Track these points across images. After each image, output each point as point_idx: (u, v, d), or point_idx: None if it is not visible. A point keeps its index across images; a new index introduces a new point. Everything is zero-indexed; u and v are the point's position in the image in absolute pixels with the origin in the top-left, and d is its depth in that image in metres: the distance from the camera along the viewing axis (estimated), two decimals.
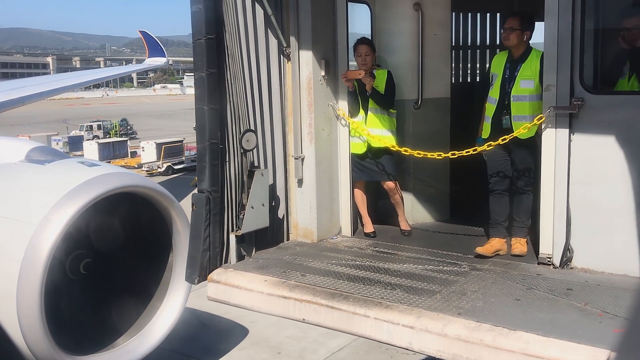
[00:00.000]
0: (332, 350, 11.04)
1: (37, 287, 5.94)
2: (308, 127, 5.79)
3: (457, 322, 4.01)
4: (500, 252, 5.42)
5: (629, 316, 1.07)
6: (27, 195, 6.69)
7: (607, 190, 4.71)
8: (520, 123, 5.21)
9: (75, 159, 8.70)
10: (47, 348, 6.14)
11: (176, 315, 7.33)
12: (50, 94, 21.17)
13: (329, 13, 5.81)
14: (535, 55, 5.30)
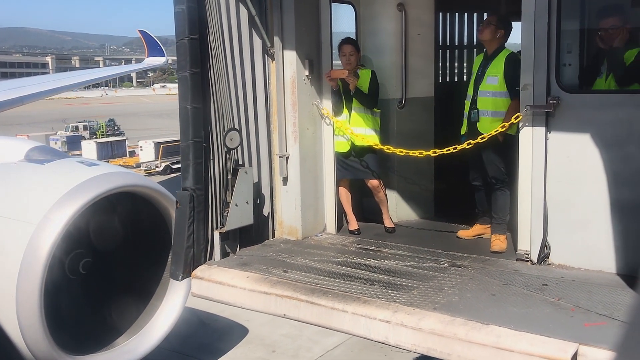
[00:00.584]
0: (327, 348, 11.10)
1: (37, 287, 5.95)
2: (292, 126, 5.87)
3: (431, 317, 4.09)
4: (484, 236, 5.62)
5: (629, 316, 1.11)
6: (27, 195, 6.69)
7: (583, 188, 4.79)
8: (485, 118, 5.41)
9: (74, 158, 8.70)
10: (46, 348, 6.15)
11: (176, 314, 7.34)
12: (49, 93, 21.18)
13: (313, 13, 5.90)
14: (504, 54, 5.49)
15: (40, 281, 5.95)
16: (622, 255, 4.68)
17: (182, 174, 5.18)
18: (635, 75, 5.01)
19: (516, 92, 5.26)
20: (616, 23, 5.09)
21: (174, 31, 5.08)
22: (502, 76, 5.49)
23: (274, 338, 11.30)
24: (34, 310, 5.98)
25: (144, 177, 8.74)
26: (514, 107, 5.29)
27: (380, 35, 6.60)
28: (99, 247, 6.82)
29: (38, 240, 6.02)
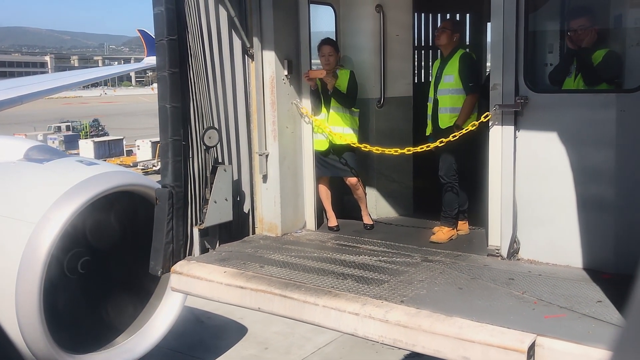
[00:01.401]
0: (319, 345, 11.24)
1: (36, 286, 6.00)
2: (272, 124, 6.00)
3: (398, 309, 4.21)
4: (452, 237, 5.82)
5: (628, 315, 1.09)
6: (26, 194, 6.73)
7: (551, 185, 4.92)
8: (443, 115, 5.63)
9: (73, 157, 8.75)
10: (46, 347, 6.19)
11: (175, 313, 7.42)
12: (48, 92, 21.20)
13: (292, 14, 6.02)
14: (458, 53, 5.71)
15: (39, 280, 6.00)
16: (587, 251, 4.81)
17: (162, 171, 5.31)
18: (602, 76, 5.14)
19: (470, 88, 5.52)
20: (585, 24, 5.22)
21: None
22: (457, 74, 5.77)
23: (267, 335, 11.44)
24: (33, 309, 6.03)
25: (143, 176, 8.81)
26: (468, 102, 5.55)
27: (359, 35, 6.74)
28: (98, 246, 6.88)
29: (37, 240, 6.07)
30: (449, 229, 5.86)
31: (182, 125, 5.27)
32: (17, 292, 6.02)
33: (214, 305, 9.36)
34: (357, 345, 10.74)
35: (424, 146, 5.60)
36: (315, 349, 11.23)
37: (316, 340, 11.23)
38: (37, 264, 6.01)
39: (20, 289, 6.02)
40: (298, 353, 11.12)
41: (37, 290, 6.01)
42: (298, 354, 11.10)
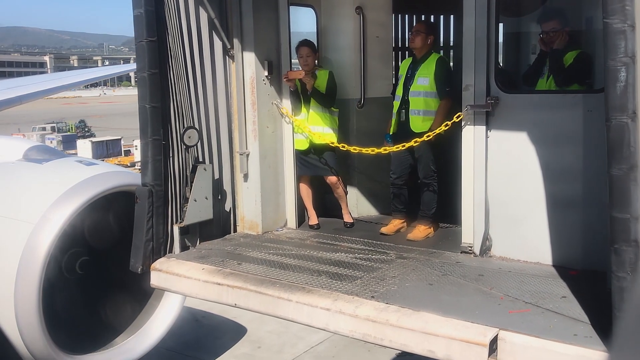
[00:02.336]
0: (312, 344, 11.34)
1: (35, 286, 6.02)
2: (252, 124, 6.10)
3: (368, 304, 4.32)
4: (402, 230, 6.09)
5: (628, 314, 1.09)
6: (25, 194, 6.74)
7: (522, 183, 5.03)
8: (415, 117, 5.75)
9: (73, 157, 8.75)
10: (45, 347, 6.22)
11: (174, 314, 7.46)
12: (47, 93, 21.15)
13: (272, 16, 6.13)
14: (434, 57, 5.84)
15: (38, 280, 6.02)
16: (556, 248, 4.93)
17: (142, 170, 5.41)
18: (573, 76, 5.25)
19: (445, 92, 5.61)
20: (556, 26, 5.34)
21: None
22: (432, 77, 5.84)
23: (260, 334, 11.55)
24: (32, 309, 6.06)
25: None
26: (443, 106, 5.65)
27: (339, 37, 6.84)
28: (97, 246, 6.88)
29: (36, 240, 6.09)
30: (426, 227, 5.97)
31: (162, 125, 5.37)
32: (16, 293, 6.04)
33: (208, 304, 9.45)
34: (350, 345, 10.83)
35: (399, 146, 5.71)
36: (308, 347, 11.33)
37: (309, 339, 11.33)
38: (36, 264, 6.03)
39: (19, 289, 6.04)
40: (291, 352, 11.21)
41: (36, 290, 6.03)
42: (291, 352, 11.20)
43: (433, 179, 5.98)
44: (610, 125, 3.35)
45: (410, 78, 6.01)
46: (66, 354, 6.49)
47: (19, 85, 19.18)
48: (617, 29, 3.23)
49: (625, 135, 3.30)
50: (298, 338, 11.45)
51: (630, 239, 3.35)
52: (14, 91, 17.76)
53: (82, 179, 6.53)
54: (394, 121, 6.17)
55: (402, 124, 6.07)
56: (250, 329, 11.69)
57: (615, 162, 3.36)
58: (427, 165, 5.97)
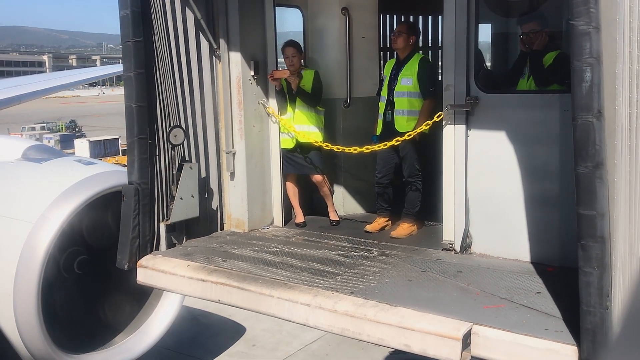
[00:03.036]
0: (306, 342, 11.42)
1: (34, 286, 6.03)
2: (238, 123, 6.19)
3: (347, 300, 4.41)
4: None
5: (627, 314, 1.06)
6: (24, 194, 6.75)
7: (500, 182, 5.12)
8: (400, 117, 5.84)
9: (72, 157, 8.74)
10: (44, 346, 6.23)
11: (173, 313, 7.47)
12: (46, 92, 21.11)
13: (258, 17, 6.21)
14: (417, 57, 5.91)
15: (37, 280, 6.04)
16: (535, 245, 5.02)
17: (128, 168, 5.49)
18: (552, 77, 5.34)
19: (428, 93, 5.70)
20: (536, 27, 5.43)
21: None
22: (415, 78, 5.94)
23: (255, 332, 11.63)
24: (32, 308, 6.06)
25: None
26: (427, 106, 5.73)
27: (326, 37, 6.94)
28: (96, 245, 6.87)
29: (35, 239, 6.11)
30: (409, 225, 6.06)
31: (149, 124, 5.45)
32: (15, 292, 6.05)
33: (203, 303, 9.53)
34: (344, 343, 10.91)
35: (381, 145, 5.80)
36: (302, 345, 11.41)
37: (303, 337, 11.41)
38: (35, 264, 6.04)
39: (18, 288, 6.05)
40: (285, 350, 11.29)
41: (35, 289, 6.04)
42: (285, 350, 11.28)
43: (417, 178, 6.08)
44: (577, 124, 3.44)
45: (394, 79, 6.10)
46: (65, 353, 6.50)
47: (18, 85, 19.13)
48: (582, 30, 3.32)
49: (590, 134, 3.39)
50: (292, 336, 11.53)
51: (597, 235, 3.44)
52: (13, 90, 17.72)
53: (81, 179, 6.55)
54: (380, 122, 6.25)
55: (387, 124, 6.16)
56: (245, 327, 11.77)
57: (581, 160, 3.45)
58: (411, 165, 6.06)
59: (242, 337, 11.66)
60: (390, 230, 6.18)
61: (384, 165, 6.21)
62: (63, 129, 51.19)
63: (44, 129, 50.31)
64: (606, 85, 3.38)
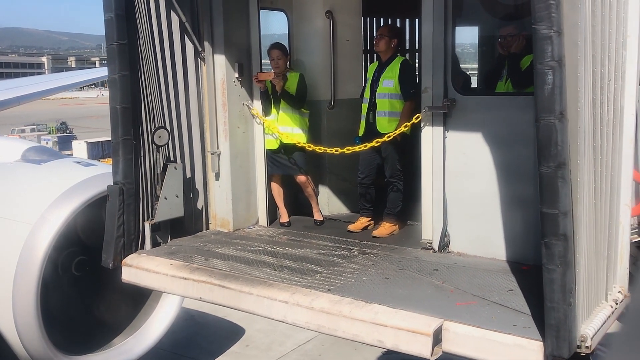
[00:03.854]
0: (299, 342, 11.49)
1: (33, 287, 6.04)
2: (223, 124, 6.29)
3: (323, 297, 4.50)
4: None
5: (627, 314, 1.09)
6: (23, 195, 6.77)
7: (477, 182, 5.22)
8: (381, 118, 5.93)
9: (71, 158, 8.76)
10: (43, 348, 6.24)
11: (172, 315, 7.50)
12: (45, 93, 21.08)
13: (242, 19, 6.32)
14: (398, 60, 5.99)
15: (36, 281, 6.05)
16: (510, 244, 5.12)
17: (113, 169, 5.58)
18: (530, 79, 5.42)
19: (409, 94, 5.79)
20: (513, 31, 5.54)
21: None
22: (396, 79, 6.03)
23: (249, 333, 11.69)
24: (31, 310, 6.07)
25: None
26: (408, 108, 5.82)
27: (310, 40, 7.04)
28: (96, 246, 6.63)
29: (34, 240, 6.12)
30: (391, 225, 6.16)
31: (133, 125, 5.54)
32: (14, 293, 6.06)
33: (197, 303, 9.59)
34: (337, 343, 10.97)
35: (362, 146, 5.90)
36: (296, 345, 11.48)
37: (297, 337, 11.48)
38: (35, 265, 6.06)
39: (17, 290, 6.06)
40: (279, 350, 11.36)
41: (34, 291, 6.06)
42: (279, 350, 11.35)
43: (399, 178, 6.17)
44: (539, 125, 3.54)
45: (376, 80, 6.20)
46: (64, 354, 6.51)
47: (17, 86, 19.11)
48: (544, 34, 3.42)
49: (552, 134, 3.49)
50: (286, 336, 11.60)
51: (559, 233, 3.54)
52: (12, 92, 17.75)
53: (80, 180, 6.56)
54: (362, 123, 6.35)
55: (370, 126, 6.25)
56: (239, 327, 11.83)
57: (544, 160, 3.55)
58: (393, 165, 6.16)
59: (236, 337, 11.73)
60: (373, 229, 6.27)
61: (366, 166, 6.30)
62: (54, 130, 51.04)
63: (34, 130, 50.17)
64: (569, 88, 3.48)
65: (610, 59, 3.92)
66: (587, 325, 3.82)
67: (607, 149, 4.02)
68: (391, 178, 6.21)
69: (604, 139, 3.95)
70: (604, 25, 3.80)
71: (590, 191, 3.83)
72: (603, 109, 3.89)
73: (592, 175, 3.84)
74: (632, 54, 4.13)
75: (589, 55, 3.63)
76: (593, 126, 3.79)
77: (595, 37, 3.71)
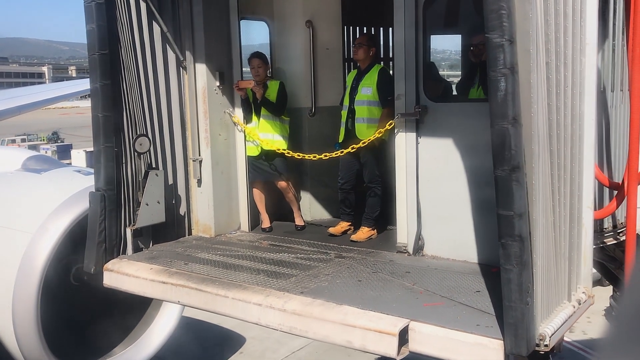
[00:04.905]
0: (293, 349, 11.59)
1: (33, 296, 6.10)
2: (204, 132, 6.42)
3: (296, 299, 4.62)
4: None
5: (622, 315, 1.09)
6: (23, 204, 6.84)
7: (449, 186, 5.34)
8: (360, 124, 6.07)
9: (71, 167, 8.83)
10: (42, 357, 6.30)
11: (172, 324, 7.58)
12: (45, 103, 21.18)
13: (223, 29, 6.47)
14: (376, 68, 6.16)
15: (36, 290, 6.11)
16: (482, 247, 5.23)
17: (95, 176, 5.71)
18: None
19: (387, 102, 5.91)
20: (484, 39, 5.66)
21: None
22: (375, 87, 6.16)
23: (242, 340, 11.80)
24: (30, 319, 6.13)
25: None
26: (386, 114, 5.96)
27: (291, 49, 7.18)
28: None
29: (34, 249, 6.18)
30: (369, 229, 6.27)
31: (115, 133, 5.68)
32: (14, 302, 6.11)
33: (192, 311, 9.65)
34: (331, 350, 11.07)
35: (338, 152, 6.03)
36: (289, 352, 11.58)
37: (291, 344, 11.57)
38: (35, 274, 6.11)
39: (17, 298, 6.11)
40: (272, 357, 11.46)
41: (34, 300, 6.11)
42: (272, 357, 11.45)
43: (377, 184, 6.29)
44: (493, 130, 3.67)
45: (355, 88, 6.33)
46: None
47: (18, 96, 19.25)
48: (496, 43, 3.56)
49: (506, 139, 3.61)
50: (280, 344, 11.70)
51: (515, 234, 3.66)
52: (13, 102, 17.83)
53: (80, 189, 6.59)
54: (342, 129, 6.48)
55: (349, 132, 6.38)
56: (233, 335, 11.92)
57: (498, 164, 3.67)
58: (372, 171, 6.28)
59: (229, 344, 11.82)
60: (352, 234, 6.39)
61: (345, 171, 6.43)
62: (45, 140, 51.15)
63: (25, 140, 50.26)
64: (522, 94, 3.60)
65: (567, 66, 4.05)
66: (547, 324, 3.92)
67: (566, 153, 4.13)
68: (370, 183, 6.32)
69: (562, 143, 4.07)
70: (558, 34, 3.93)
71: (547, 194, 3.95)
72: (560, 114, 4.01)
73: (549, 178, 3.96)
74: (591, 60, 4.25)
75: (543, 63, 3.76)
76: (549, 131, 3.91)
77: (550, 45, 3.83)
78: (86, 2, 5.49)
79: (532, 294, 3.72)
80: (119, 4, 5.68)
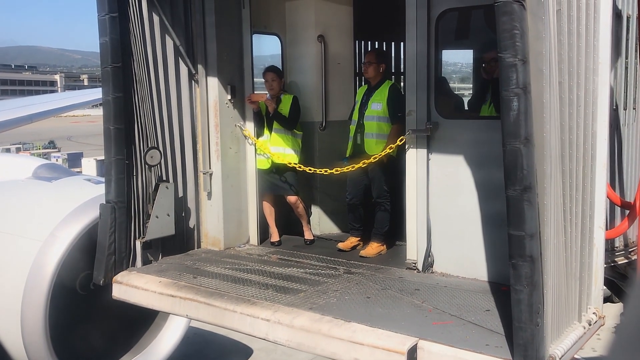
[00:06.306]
0: None
1: (42, 304, 6.09)
2: (215, 145, 6.44)
3: (304, 315, 4.60)
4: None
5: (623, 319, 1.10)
6: (34, 212, 6.86)
7: (460, 202, 5.31)
8: (369, 140, 6.07)
9: (81, 176, 8.83)
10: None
11: (180, 334, 7.53)
12: (57, 111, 21.24)
13: (236, 43, 6.50)
14: (387, 84, 6.16)
15: (45, 298, 6.10)
16: (492, 265, 5.19)
17: (105, 188, 5.72)
18: None
19: (397, 118, 5.90)
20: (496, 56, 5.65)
21: None
22: (385, 103, 6.16)
23: (248, 352, 11.75)
24: (39, 326, 6.12)
25: None
26: (395, 130, 5.95)
27: (303, 63, 7.20)
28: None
29: (44, 258, 6.17)
30: (378, 245, 6.25)
31: (126, 145, 5.70)
32: (23, 310, 6.11)
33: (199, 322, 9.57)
34: None
35: (349, 167, 6.02)
36: None
37: (297, 357, 11.42)
38: (44, 282, 6.11)
39: (26, 306, 6.12)
40: None
41: (43, 308, 6.11)
42: None
43: (386, 199, 6.28)
44: (506, 150, 3.65)
45: (364, 103, 6.33)
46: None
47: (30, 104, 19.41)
48: (509, 62, 3.55)
49: (518, 159, 3.59)
50: (287, 355, 11.58)
51: (526, 255, 3.63)
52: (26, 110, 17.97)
53: (90, 197, 6.61)
54: (350, 144, 6.47)
55: (357, 147, 6.37)
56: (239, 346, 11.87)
57: (510, 184, 3.65)
58: (380, 186, 6.26)
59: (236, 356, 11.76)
60: (361, 249, 6.37)
61: (353, 187, 6.42)
62: (40, 148, 51.54)
63: (20, 149, 50.61)
64: (535, 114, 3.59)
65: (580, 85, 4.03)
66: (557, 345, 3.89)
67: (578, 173, 4.11)
68: (378, 199, 6.31)
69: (574, 162, 4.05)
70: (571, 53, 3.92)
71: (559, 214, 3.92)
72: (572, 134, 3.99)
73: (560, 198, 3.93)
74: (604, 79, 4.23)
75: (555, 82, 3.74)
76: (561, 150, 3.89)
77: (563, 65, 3.82)
78: (100, 15, 5.53)
79: (543, 314, 3.69)
80: (132, 17, 5.72)
